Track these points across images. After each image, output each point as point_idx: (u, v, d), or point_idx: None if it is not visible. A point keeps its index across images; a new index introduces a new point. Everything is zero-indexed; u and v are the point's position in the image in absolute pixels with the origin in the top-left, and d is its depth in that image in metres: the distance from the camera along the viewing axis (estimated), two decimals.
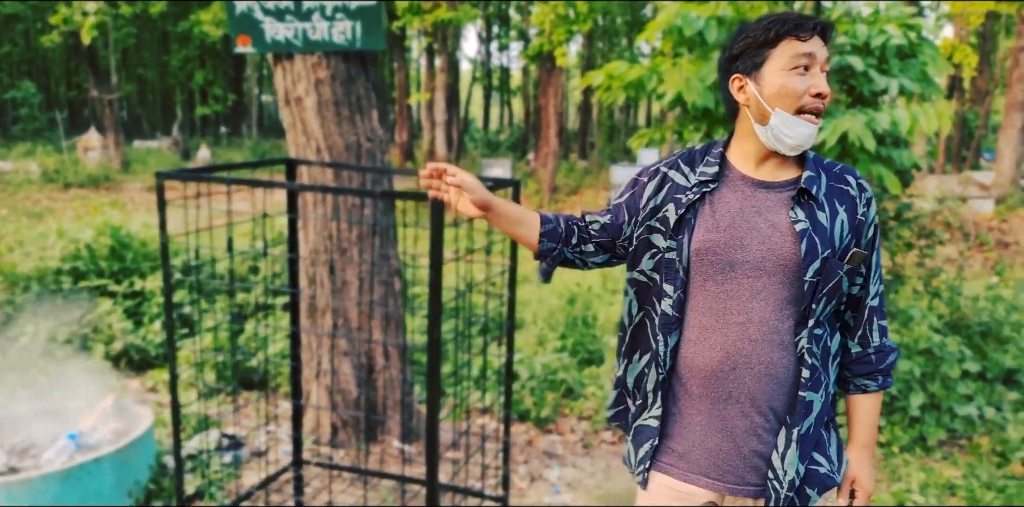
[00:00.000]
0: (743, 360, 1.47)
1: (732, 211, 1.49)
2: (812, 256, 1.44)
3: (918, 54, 4.24)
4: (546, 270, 1.64)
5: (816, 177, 1.49)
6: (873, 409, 1.60)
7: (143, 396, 4.50)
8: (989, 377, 4.35)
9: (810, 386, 1.48)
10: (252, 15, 3.33)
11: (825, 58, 1.44)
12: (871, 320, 1.55)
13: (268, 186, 1.98)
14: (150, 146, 25.36)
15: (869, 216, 1.51)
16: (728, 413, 1.50)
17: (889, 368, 1.57)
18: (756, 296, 1.47)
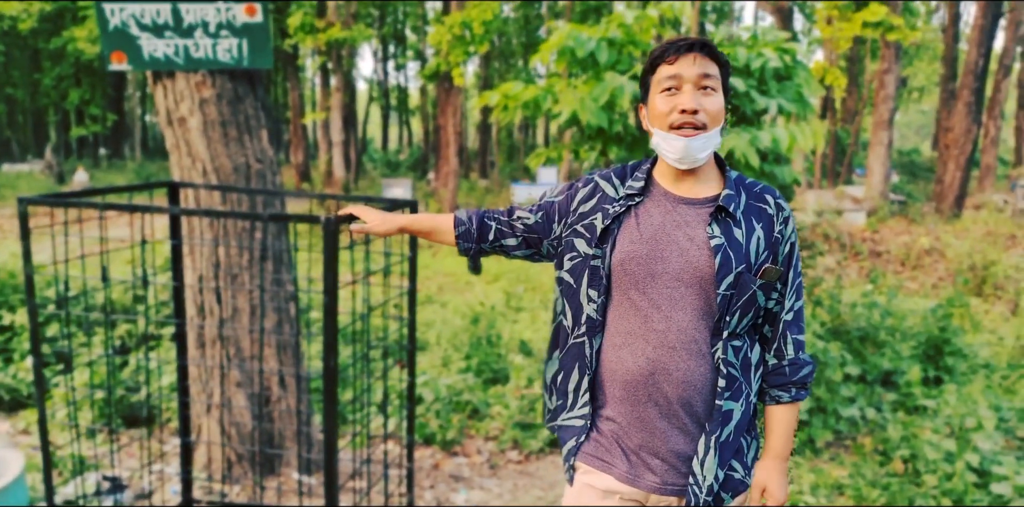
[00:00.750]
0: (662, 366, 1.55)
1: (654, 225, 1.57)
2: (726, 270, 1.51)
3: (793, 76, 4.51)
4: (472, 266, 1.84)
5: (735, 195, 1.57)
6: (786, 420, 1.64)
7: (15, 439, 4.14)
8: (869, 379, 4.62)
9: (728, 395, 1.56)
10: (127, 30, 3.17)
11: (698, 74, 1.51)
12: (785, 334, 1.61)
13: (145, 211, 1.87)
14: (20, 170, 23.67)
15: (786, 233, 1.58)
16: (648, 415, 1.58)
17: (803, 380, 1.62)
18: (675, 306, 1.55)
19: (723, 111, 1.55)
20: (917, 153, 29.91)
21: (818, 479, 3.64)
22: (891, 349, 4.85)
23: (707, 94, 1.52)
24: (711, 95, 1.52)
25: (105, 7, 3.10)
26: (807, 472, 3.74)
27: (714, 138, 1.53)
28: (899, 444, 3.84)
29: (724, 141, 3.94)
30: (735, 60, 4.36)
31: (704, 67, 1.52)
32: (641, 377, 1.57)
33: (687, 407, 1.57)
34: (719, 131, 1.54)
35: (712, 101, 1.52)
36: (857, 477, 3.67)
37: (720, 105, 1.54)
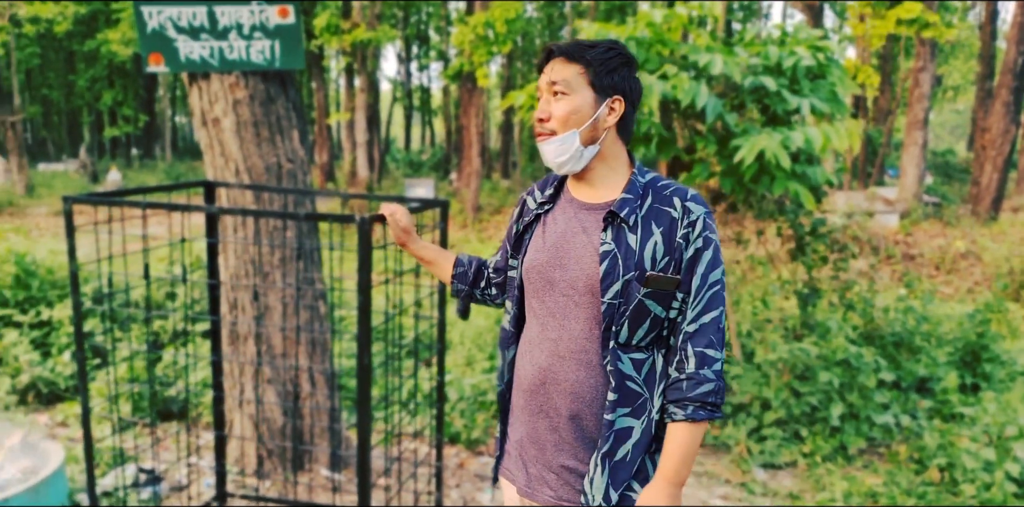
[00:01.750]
0: (551, 376, 1.52)
1: (558, 231, 1.55)
2: (611, 278, 1.46)
3: (827, 75, 4.45)
4: (460, 309, 1.83)
5: (634, 199, 1.51)
6: (679, 439, 1.47)
7: (53, 431, 4.25)
8: (904, 386, 4.53)
9: (626, 412, 1.48)
10: (164, 33, 3.24)
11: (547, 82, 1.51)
12: (686, 345, 1.48)
13: (185, 210, 1.92)
14: (56, 169, 24.17)
15: (691, 237, 1.48)
16: (539, 426, 1.55)
17: (702, 398, 1.46)
18: (569, 315, 1.51)
19: (579, 113, 1.49)
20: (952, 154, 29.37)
21: (851, 487, 3.59)
22: (927, 355, 4.76)
23: (557, 100, 1.50)
24: (560, 100, 1.50)
25: (143, 10, 3.17)
26: (840, 479, 3.69)
27: (569, 141, 1.49)
28: (935, 452, 3.75)
29: (755, 141, 3.88)
30: (766, 59, 4.31)
31: (554, 73, 1.51)
32: (534, 387, 1.55)
33: (575, 420, 1.52)
34: (576, 134, 1.49)
35: (560, 105, 1.50)
36: (892, 485, 3.60)
37: (570, 108, 1.49)
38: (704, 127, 4.30)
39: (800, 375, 4.30)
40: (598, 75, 1.49)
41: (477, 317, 6.83)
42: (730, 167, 4.17)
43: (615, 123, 1.53)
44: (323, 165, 21.53)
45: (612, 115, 1.52)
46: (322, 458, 3.68)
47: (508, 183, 22.43)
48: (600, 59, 1.49)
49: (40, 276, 5.33)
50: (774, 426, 4.13)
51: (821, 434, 4.08)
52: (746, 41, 4.74)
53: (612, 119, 1.52)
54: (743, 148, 3.84)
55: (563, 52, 1.51)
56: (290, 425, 3.55)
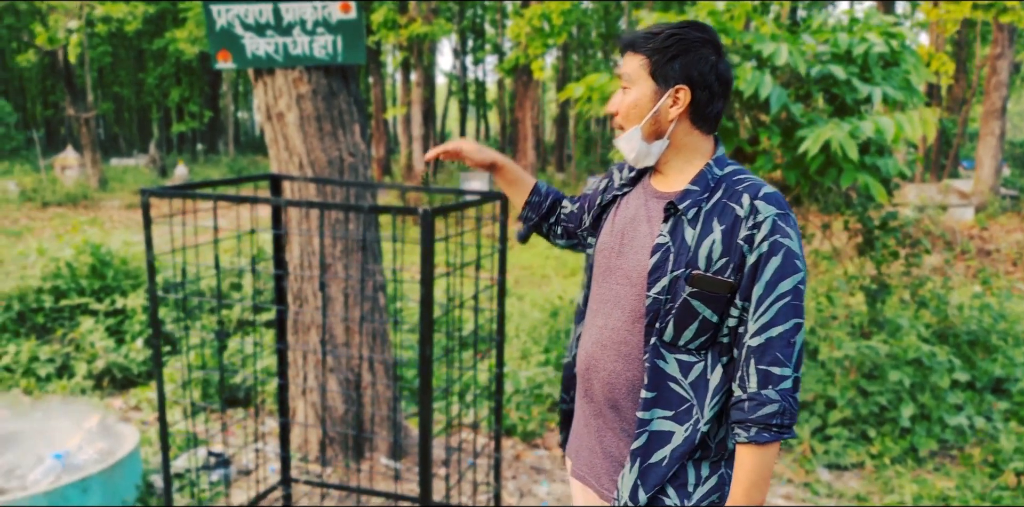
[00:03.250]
0: (593, 363, 1.51)
1: (627, 217, 1.52)
2: (659, 272, 1.40)
3: (900, 62, 4.28)
4: (522, 234, 1.84)
5: (700, 192, 1.42)
6: (747, 463, 1.37)
7: (127, 415, 4.44)
8: (978, 387, 4.36)
9: (669, 415, 1.41)
10: (232, 30, 3.33)
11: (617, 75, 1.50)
12: (748, 361, 1.36)
13: (254, 202, 1.98)
14: (127, 164, 25.15)
15: (755, 240, 1.35)
16: (588, 411, 1.56)
17: (764, 421, 1.34)
18: (617, 304, 1.48)
19: (638, 106, 1.44)
20: None
21: (921, 490, 3.48)
22: (1003, 355, 4.56)
23: (624, 93, 1.48)
24: (625, 93, 1.47)
25: (212, 9, 3.27)
26: (909, 482, 3.58)
27: (635, 137, 1.45)
28: (1012, 456, 3.61)
29: (820, 132, 3.76)
30: (835, 46, 4.16)
31: (622, 66, 1.48)
32: (581, 370, 1.56)
33: (614, 410, 1.50)
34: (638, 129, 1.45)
35: (624, 99, 1.47)
36: (964, 489, 3.48)
37: (630, 101, 1.45)
38: (768, 118, 4.20)
39: (868, 374, 4.18)
40: (657, 65, 1.42)
41: (533, 310, 6.84)
42: (794, 158, 4.06)
43: (682, 113, 1.43)
44: (380, 159, 21.84)
45: (676, 106, 1.42)
46: (381, 446, 3.74)
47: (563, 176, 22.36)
48: (660, 47, 1.41)
49: (114, 266, 5.56)
50: (839, 426, 4.03)
51: (890, 435, 3.96)
52: (813, 28, 4.60)
53: (676, 110, 1.42)
54: (808, 139, 3.73)
55: (626, 43, 1.47)
56: (351, 413, 3.62)
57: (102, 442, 3.10)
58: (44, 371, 4.76)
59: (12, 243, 9.76)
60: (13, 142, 27.26)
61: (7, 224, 13.52)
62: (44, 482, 2.79)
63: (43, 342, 5.01)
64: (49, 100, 33.58)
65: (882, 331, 4.50)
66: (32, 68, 29.58)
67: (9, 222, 13.76)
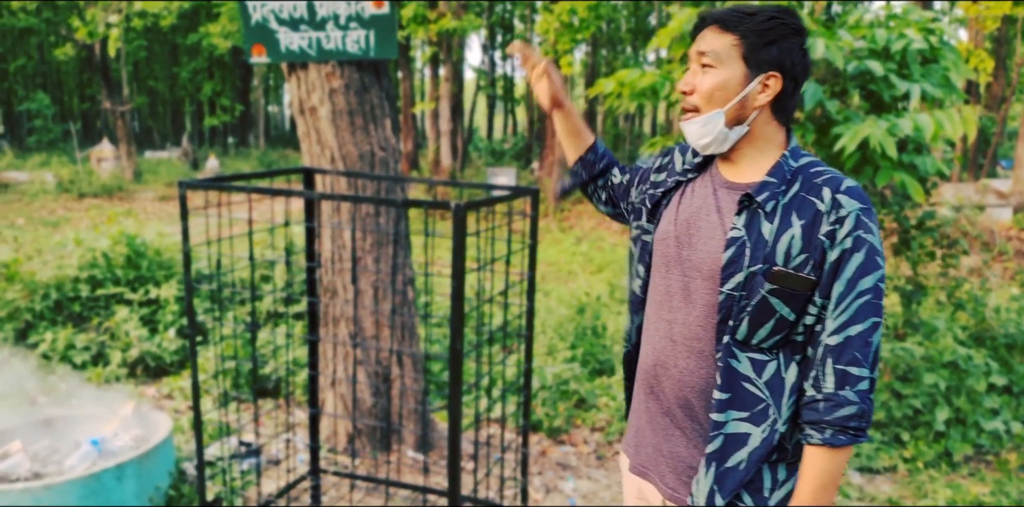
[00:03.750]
0: (663, 360, 1.44)
1: (694, 206, 1.44)
2: (734, 267, 1.33)
3: (939, 59, 4.20)
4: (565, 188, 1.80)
5: (778, 184, 1.35)
6: (817, 464, 1.33)
7: (159, 403, 4.52)
8: (1015, 391, 4.27)
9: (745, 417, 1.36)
10: (267, 25, 3.36)
11: (696, 52, 1.37)
12: (825, 361, 1.32)
13: (289, 195, 2.01)
14: (161, 157, 25.56)
15: (838, 235, 1.30)
16: (653, 408, 1.48)
17: (841, 423, 1.31)
18: (687, 298, 1.41)
19: (725, 88, 1.34)
20: None
21: (955, 495, 3.42)
22: None
23: (704, 72, 1.36)
24: (706, 73, 1.36)
25: (248, 4, 3.30)
26: (943, 487, 3.52)
27: (713, 122, 1.35)
28: None
29: (858, 129, 3.70)
30: (873, 42, 4.10)
31: (705, 42, 1.36)
32: (647, 367, 1.48)
33: (685, 409, 1.42)
34: (721, 113, 1.35)
35: (706, 79, 1.35)
36: (1000, 495, 3.42)
37: (714, 82, 1.35)
38: (802, 114, 4.15)
39: (902, 376, 4.11)
40: (753, 48, 1.33)
41: (559, 306, 6.83)
42: (829, 156, 4.01)
43: (768, 102, 1.36)
44: (407, 153, 21.94)
45: (765, 93, 1.35)
46: (408, 439, 3.77)
47: None
48: (758, 29, 1.33)
49: (149, 257, 5.66)
50: (872, 428, 3.97)
51: (924, 439, 3.89)
52: (850, 24, 4.53)
53: (764, 98, 1.35)
54: (845, 136, 3.68)
55: (717, 20, 1.36)
56: (379, 406, 3.65)
57: (137, 429, 3.17)
58: (80, 359, 4.87)
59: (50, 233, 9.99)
60: (50, 134, 27.85)
61: (45, 215, 13.83)
62: (80, 467, 2.86)
63: (79, 330, 5.12)
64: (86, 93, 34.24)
65: (917, 333, 4.43)
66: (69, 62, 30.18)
67: (47, 213, 14.09)
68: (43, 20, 24.42)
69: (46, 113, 27.76)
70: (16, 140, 30.32)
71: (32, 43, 29.81)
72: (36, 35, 28.18)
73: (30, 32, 27.83)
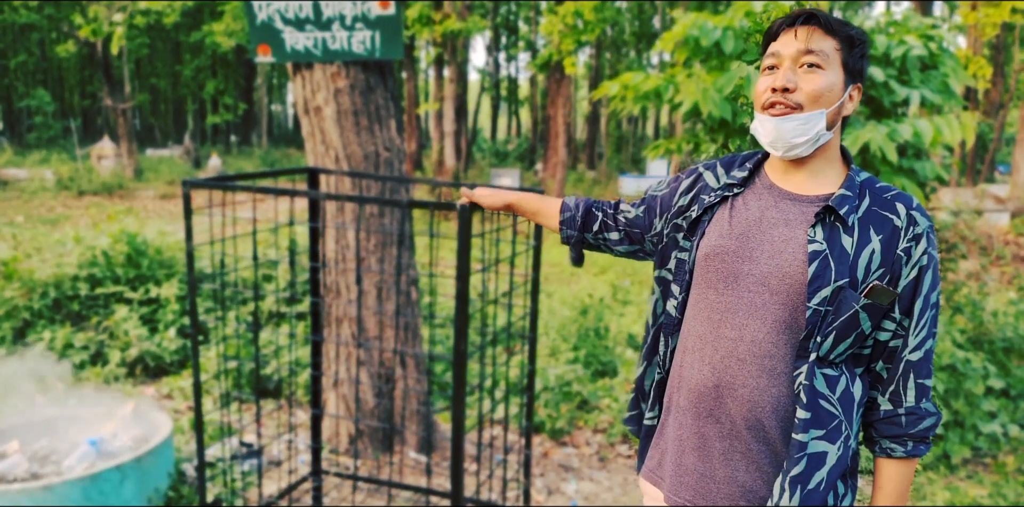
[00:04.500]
0: (728, 380, 1.37)
1: (749, 219, 1.40)
2: (821, 281, 1.30)
3: (939, 65, 4.22)
4: (573, 256, 1.76)
5: (853, 198, 1.34)
6: (899, 477, 1.37)
7: (159, 402, 4.51)
8: (1013, 394, 4.28)
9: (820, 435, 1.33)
10: (273, 25, 3.35)
11: (798, 50, 1.33)
12: (907, 376, 1.34)
13: (294, 195, 1.99)
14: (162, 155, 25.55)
15: (915, 254, 1.32)
16: (708, 432, 1.40)
17: (923, 434, 1.36)
18: (754, 313, 1.36)
19: (833, 91, 1.33)
20: None
21: (954, 498, 3.42)
22: None
23: (809, 72, 1.33)
24: (813, 73, 1.32)
25: (253, 4, 3.29)
26: (941, 489, 3.52)
27: (814, 121, 1.32)
28: None
29: (859, 134, 3.73)
30: (873, 48, 4.12)
31: (809, 41, 1.33)
32: (704, 389, 1.39)
33: (754, 430, 1.36)
34: (823, 114, 1.32)
35: (812, 79, 1.32)
36: (997, 497, 3.42)
37: (824, 84, 1.32)
38: None
39: None
40: (853, 56, 1.34)
41: (562, 308, 6.82)
42: None
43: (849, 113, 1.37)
44: (411, 154, 21.93)
45: (851, 103, 1.36)
46: (410, 440, 3.75)
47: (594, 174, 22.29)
48: (856, 39, 1.34)
49: (149, 256, 5.64)
50: None
51: None
52: None
53: (851, 107, 1.36)
54: (845, 140, 3.69)
55: (823, 21, 1.33)
56: (381, 407, 3.63)
57: (136, 429, 3.15)
58: (79, 358, 4.85)
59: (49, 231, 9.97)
60: (51, 131, 27.84)
61: (44, 212, 13.82)
62: (79, 468, 2.84)
63: (78, 329, 5.11)
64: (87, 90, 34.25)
65: None
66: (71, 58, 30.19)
67: (46, 210, 14.07)
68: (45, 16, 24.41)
69: (46, 110, 27.75)
70: (16, 137, 30.32)
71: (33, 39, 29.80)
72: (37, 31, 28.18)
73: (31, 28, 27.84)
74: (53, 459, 2.97)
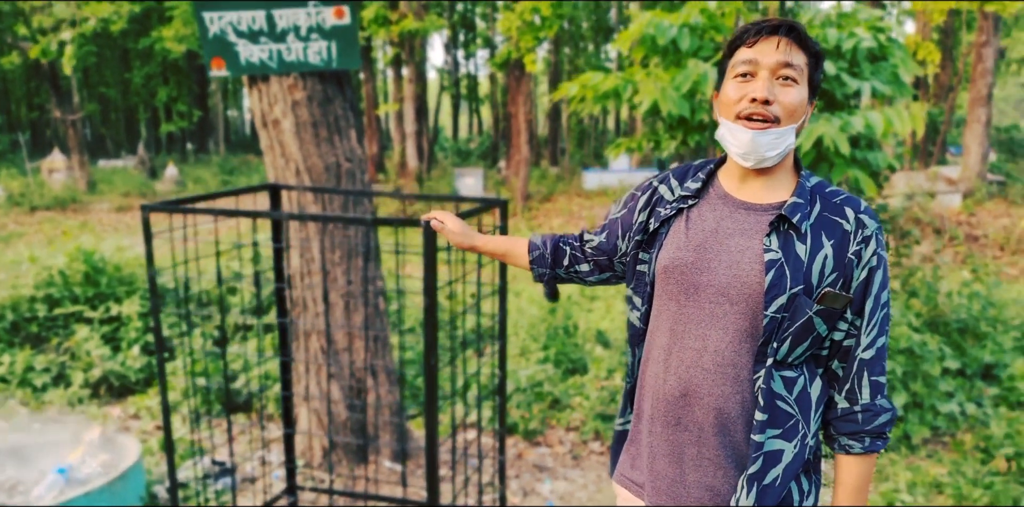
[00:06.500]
0: (693, 389, 1.41)
1: (706, 230, 1.41)
2: (777, 289, 1.33)
3: (888, 56, 4.32)
4: (548, 292, 1.74)
5: (804, 205, 1.37)
6: (858, 472, 1.42)
7: (126, 423, 4.43)
8: (968, 373, 4.43)
9: (777, 433, 1.37)
10: (226, 38, 3.30)
11: (777, 62, 1.33)
12: (861, 374, 1.39)
13: (256, 216, 1.97)
14: (116, 165, 24.96)
15: (864, 256, 1.35)
16: (677, 439, 1.44)
17: (879, 430, 1.40)
18: (715, 324, 1.39)
19: (803, 106, 1.36)
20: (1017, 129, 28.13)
21: (915, 477, 3.53)
22: (992, 341, 4.64)
23: (786, 85, 1.34)
24: (790, 87, 1.34)
25: (205, 16, 3.24)
26: (903, 470, 3.63)
27: (787, 136, 1.35)
28: (1002, 442, 3.68)
29: (813, 128, 3.82)
30: (824, 41, 4.20)
31: (787, 54, 1.33)
32: (672, 398, 1.43)
33: (721, 436, 1.40)
34: (794, 129, 1.36)
35: (790, 93, 1.33)
36: (957, 475, 3.54)
37: (799, 99, 1.34)
38: None
39: None
40: (817, 72, 1.38)
41: (530, 307, 6.85)
42: None
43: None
44: (373, 156, 21.74)
45: (808, 115, 1.40)
46: (385, 450, 3.75)
47: (557, 170, 22.35)
48: (818, 53, 1.37)
49: (108, 273, 5.53)
50: None
51: None
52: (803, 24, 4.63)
53: (807, 122, 1.40)
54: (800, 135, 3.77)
55: (797, 32, 1.34)
56: (354, 419, 3.62)
57: (104, 454, 3.09)
58: (40, 381, 4.74)
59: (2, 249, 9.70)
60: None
61: None
62: (48, 497, 2.78)
63: (38, 352, 4.99)
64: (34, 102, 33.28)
65: None
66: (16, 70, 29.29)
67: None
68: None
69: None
70: None
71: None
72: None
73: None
74: (21, 489, 2.91)
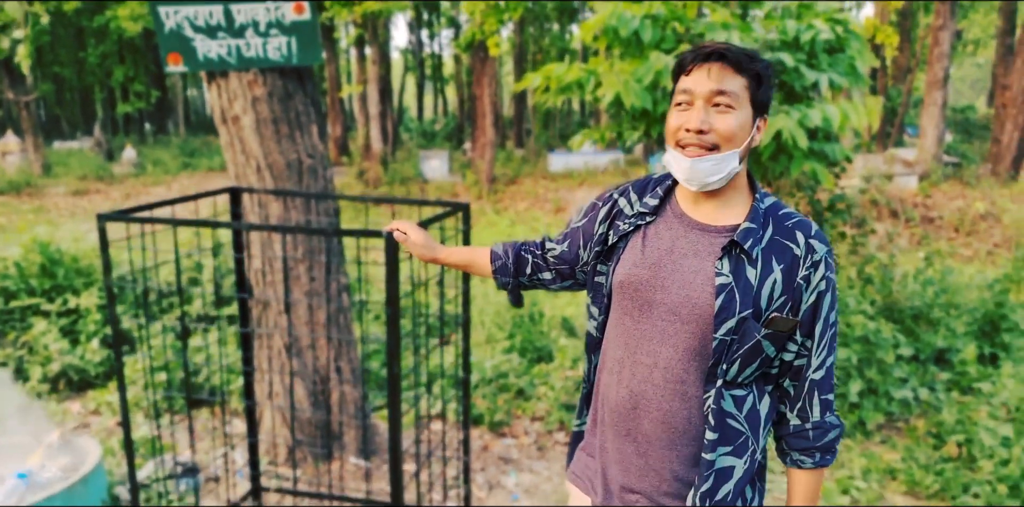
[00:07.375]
0: (643, 402, 1.45)
1: (661, 249, 1.44)
2: (726, 313, 1.36)
3: (846, 48, 4.38)
4: (512, 300, 1.78)
5: (757, 229, 1.40)
6: (809, 485, 1.48)
7: (86, 419, 4.38)
8: (922, 358, 4.54)
9: (728, 451, 1.42)
10: (182, 32, 3.23)
11: (710, 91, 1.35)
12: (812, 393, 1.44)
13: (216, 226, 1.95)
14: (71, 147, 24.29)
15: (813, 280, 1.38)
16: (626, 449, 1.49)
17: (829, 446, 1.46)
18: (666, 341, 1.42)
19: (745, 130, 1.37)
20: (972, 110, 28.77)
21: (869, 463, 3.64)
22: (945, 326, 4.74)
23: (721, 112, 1.36)
24: (726, 113, 1.36)
25: (160, 10, 3.16)
26: (858, 456, 3.74)
27: (728, 161, 1.36)
28: (954, 427, 3.78)
29: (772, 122, 3.87)
30: (784, 33, 4.23)
31: (720, 81, 1.35)
32: (623, 409, 1.48)
33: (667, 450, 1.45)
34: (736, 154, 1.37)
35: (725, 120, 1.35)
36: (910, 461, 3.64)
37: (736, 124, 1.36)
38: None
39: None
40: (761, 92, 1.38)
41: (499, 296, 6.88)
42: None
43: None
44: (336, 139, 21.46)
45: (759, 134, 1.42)
46: (351, 445, 3.77)
47: (522, 152, 22.31)
48: (762, 74, 1.38)
49: (65, 264, 5.42)
50: None
51: (840, 410, 4.11)
52: (762, 15, 4.67)
53: (759, 138, 1.41)
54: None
55: (734, 59, 1.36)
56: (318, 415, 3.63)
57: (64, 457, 3.06)
58: None
59: None
60: None
61: None
62: (8, 502, 2.76)
63: None
64: None
65: None
66: None
67: None
68: None
69: None
70: None
71: None
72: None
73: None
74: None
